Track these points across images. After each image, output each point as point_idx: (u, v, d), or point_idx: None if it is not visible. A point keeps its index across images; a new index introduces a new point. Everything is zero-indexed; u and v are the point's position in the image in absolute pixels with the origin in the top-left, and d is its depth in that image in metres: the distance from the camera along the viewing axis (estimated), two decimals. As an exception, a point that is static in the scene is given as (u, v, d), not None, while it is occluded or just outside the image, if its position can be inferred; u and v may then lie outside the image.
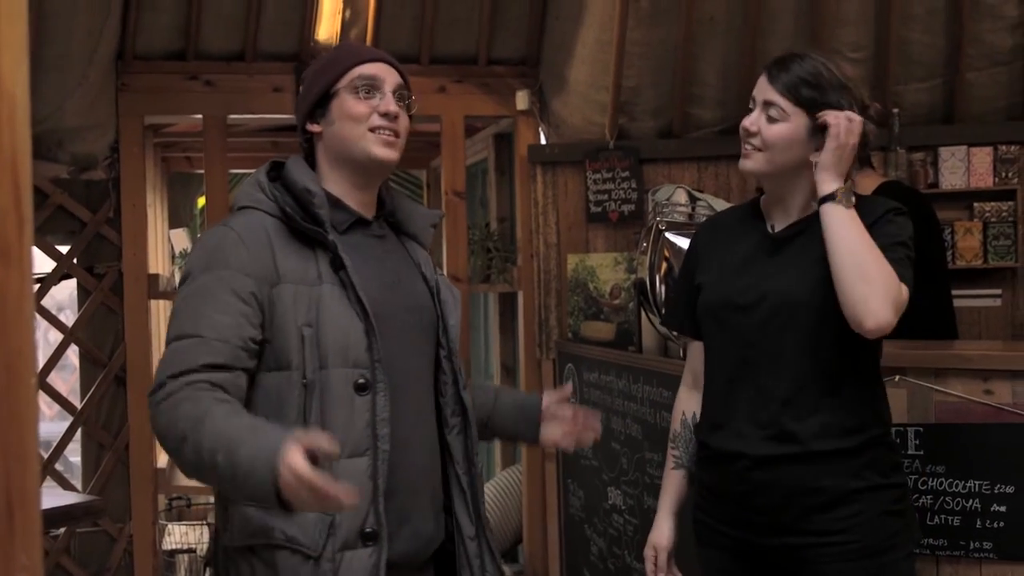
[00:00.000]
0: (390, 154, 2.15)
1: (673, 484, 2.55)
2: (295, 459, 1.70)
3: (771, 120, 2.29)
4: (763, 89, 2.32)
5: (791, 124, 2.27)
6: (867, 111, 2.31)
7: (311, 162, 2.20)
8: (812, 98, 2.26)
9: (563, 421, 2.39)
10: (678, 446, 2.54)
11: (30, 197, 0.90)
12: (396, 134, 2.15)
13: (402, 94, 2.19)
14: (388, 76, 2.18)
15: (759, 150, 2.30)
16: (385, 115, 2.14)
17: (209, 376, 1.94)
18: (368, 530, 2.00)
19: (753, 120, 2.32)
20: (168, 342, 2.02)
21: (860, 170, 4.30)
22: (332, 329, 2.02)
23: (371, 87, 2.15)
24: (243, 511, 2.03)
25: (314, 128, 2.18)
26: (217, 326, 1.97)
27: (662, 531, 2.54)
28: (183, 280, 2.08)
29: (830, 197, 2.20)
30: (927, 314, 2.28)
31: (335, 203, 2.15)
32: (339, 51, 2.27)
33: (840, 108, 2.25)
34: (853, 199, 2.22)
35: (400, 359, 2.12)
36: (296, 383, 2.01)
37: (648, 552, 2.55)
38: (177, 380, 1.93)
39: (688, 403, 2.54)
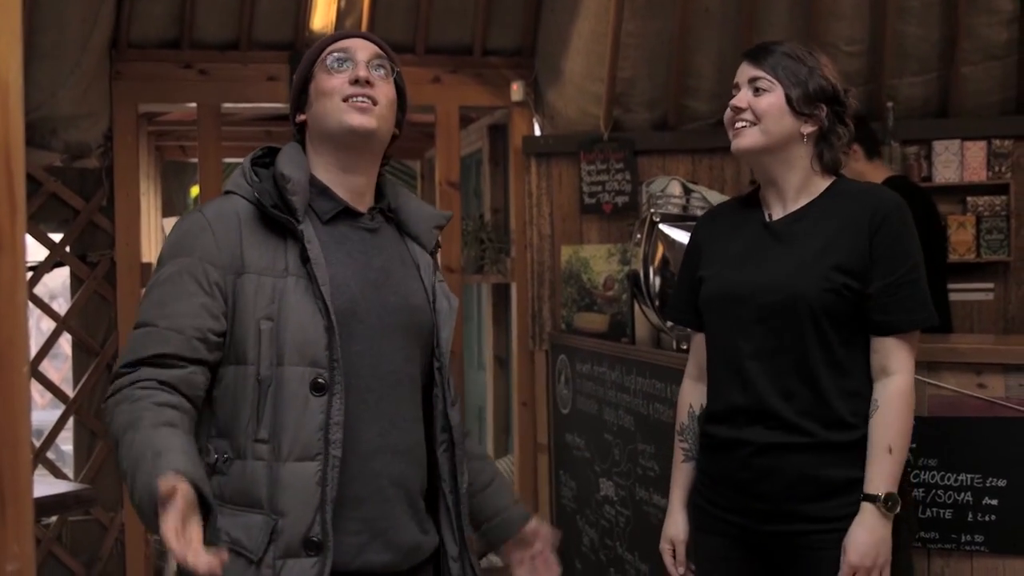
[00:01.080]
0: (365, 120, 2.03)
1: (683, 477, 2.54)
2: (166, 520, 1.59)
3: (759, 92, 2.33)
4: (746, 71, 2.36)
5: (779, 94, 2.31)
6: (847, 92, 2.37)
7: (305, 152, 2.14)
8: (794, 70, 2.31)
9: (528, 557, 2.25)
10: (687, 439, 2.53)
11: (23, 184, 0.90)
12: (372, 101, 2.05)
13: (380, 64, 2.10)
14: (360, 48, 2.09)
15: (752, 124, 2.33)
16: (356, 82, 2.04)
17: (158, 374, 1.87)
18: (313, 539, 1.90)
19: (741, 97, 2.35)
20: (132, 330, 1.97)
21: (870, 161, 4.33)
22: (291, 324, 1.93)
23: (341, 60, 2.07)
24: None
25: (300, 118, 2.11)
26: (173, 315, 1.90)
27: (677, 524, 2.52)
28: (156, 266, 2.02)
29: (873, 498, 2.24)
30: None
31: (322, 191, 2.06)
32: (321, 42, 2.18)
33: (822, 79, 2.31)
34: (898, 508, 2.26)
35: (373, 361, 2.01)
36: (251, 378, 1.93)
37: (665, 546, 2.54)
38: (127, 376, 1.87)
39: (694, 395, 2.53)
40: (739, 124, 2.34)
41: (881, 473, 2.23)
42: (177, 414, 1.86)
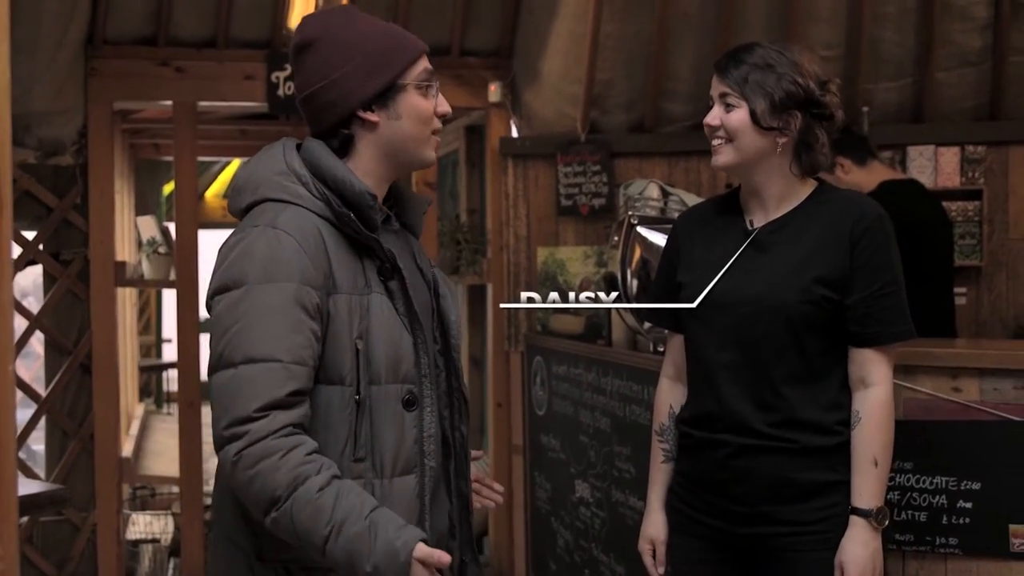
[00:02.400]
0: (435, 155, 2.11)
1: (662, 477, 2.54)
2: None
3: (729, 108, 2.32)
4: (715, 84, 2.35)
5: (746, 110, 2.29)
6: (826, 86, 2.35)
7: (338, 149, 2.04)
8: (761, 82, 2.28)
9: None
10: (666, 439, 2.53)
11: (10, 183, 0.89)
12: None
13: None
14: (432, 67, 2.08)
15: (727, 141, 2.32)
16: (442, 117, 2.06)
17: (290, 417, 1.83)
18: None
19: (714, 115, 2.34)
20: (234, 362, 1.85)
21: (864, 166, 4.33)
22: (382, 342, 1.92)
23: (431, 83, 2.05)
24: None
25: (371, 117, 2.01)
26: (293, 348, 1.85)
27: (656, 524, 2.52)
28: (226, 288, 1.89)
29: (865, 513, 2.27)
30: (931, 311, 2.33)
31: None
32: (394, 36, 2.10)
33: (792, 84, 2.28)
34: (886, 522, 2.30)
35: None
36: (349, 399, 1.91)
37: (644, 546, 2.54)
38: (261, 421, 1.81)
39: (672, 395, 2.53)
40: (715, 141, 2.34)
41: (869, 487, 2.26)
42: (326, 458, 1.86)
